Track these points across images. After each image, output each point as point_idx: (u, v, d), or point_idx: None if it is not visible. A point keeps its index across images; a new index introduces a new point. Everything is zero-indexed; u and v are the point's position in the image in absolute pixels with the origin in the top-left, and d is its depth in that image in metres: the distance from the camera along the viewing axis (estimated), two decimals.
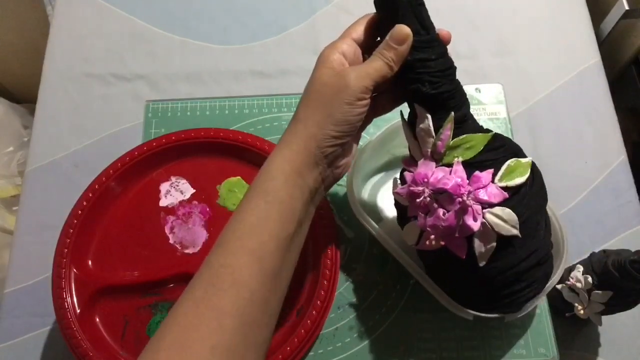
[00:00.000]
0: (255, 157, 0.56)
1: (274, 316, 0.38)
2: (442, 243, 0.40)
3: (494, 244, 0.39)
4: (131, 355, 0.50)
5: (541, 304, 0.53)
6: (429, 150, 0.41)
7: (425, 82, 0.39)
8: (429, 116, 0.40)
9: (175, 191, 0.57)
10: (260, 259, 0.35)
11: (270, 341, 0.38)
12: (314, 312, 0.49)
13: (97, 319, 0.51)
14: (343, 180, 0.59)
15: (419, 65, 0.39)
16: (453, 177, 0.39)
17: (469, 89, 0.64)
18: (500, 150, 0.41)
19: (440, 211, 0.39)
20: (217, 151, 0.57)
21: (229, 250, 0.36)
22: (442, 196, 0.39)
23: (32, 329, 0.54)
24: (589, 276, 0.46)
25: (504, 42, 0.68)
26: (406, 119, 0.44)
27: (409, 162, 0.44)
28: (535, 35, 0.68)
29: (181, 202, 0.56)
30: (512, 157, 0.41)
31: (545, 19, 0.69)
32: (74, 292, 0.50)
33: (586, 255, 0.50)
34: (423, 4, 0.40)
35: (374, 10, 0.41)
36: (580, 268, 0.48)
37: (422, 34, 0.39)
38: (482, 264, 0.40)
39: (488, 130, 0.42)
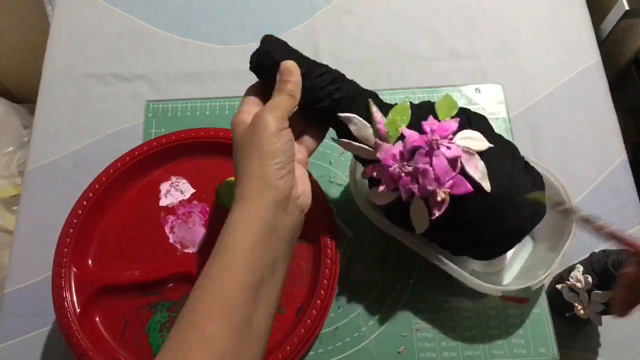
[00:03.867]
0: None
1: None
2: (449, 191, 0.41)
3: (482, 162, 0.41)
4: (131, 355, 0.50)
5: (542, 303, 0.53)
6: (376, 139, 0.43)
7: (333, 90, 0.43)
8: (355, 115, 0.43)
9: (175, 191, 0.57)
10: (227, 312, 0.35)
11: None
12: (314, 312, 0.49)
13: (97, 319, 0.51)
14: (342, 180, 0.59)
15: (318, 81, 0.42)
16: (412, 135, 0.42)
17: (469, 89, 0.64)
18: (423, 107, 0.45)
19: (426, 165, 0.41)
20: (217, 151, 0.57)
21: (194, 307, 0.35)
22: (416, 156, 0.41)
23: (32, 329, 0.54)
24: (589, 276, 0.46)
25: (504, 42, 0.68)
26: (338, 138, 0.46)
27: (368, 168, 0.45)
28: (535, 35, 0.68)
29: (181, 202, 0.56)
30: (433, 107, 0.44)
31: (545, 19, 0.69)
32: (74, 292, 0.50)
33: (586, 255, 0.50)
34: (286, 43, 0.44)
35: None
36: (580, 268, 0.48)
37: (303, 61, 0.43)
38: (487, 186, 0.41)
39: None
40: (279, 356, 0.48)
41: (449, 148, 0.41)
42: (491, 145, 0.42)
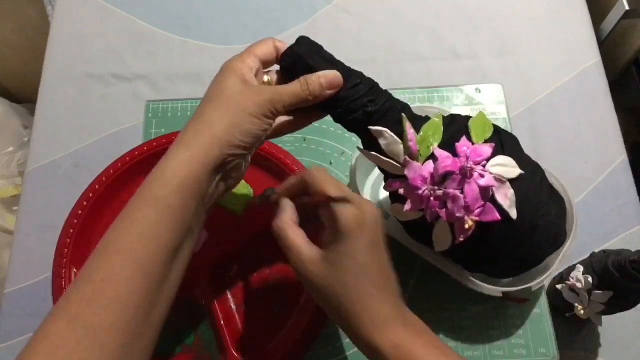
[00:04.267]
0: (254, 156, 0.56)
1: (158, 326, 0.36)
2: (476, 218, 0.40)
3: (512, 190, 0.40)
4: None
5: (542, 303, 0.53)
6: (405, 157, 0.42)
7: (366, 103, 0.41)
8: (386, 129, 0.42)
9: None
10: (146, 272, 0.33)
11: (152, 351, 0.36)
12: (314, 312, 0.49)
13: None
14: (342, 180, 0.59)
15: (352, 92, 0.41)
16: (445, 158, 0.41)
17: (469, 89, 0.64)
18: (455, 123, 0.43)
19: (457, 191, 0.40)
20: None
21: (112, 262, 0.33)
22: (447, 180, 0.40)
23: (32, 329, 0.54)
24: (589, 276, 0.46)
25: (504, 42, 0.68)
26: (363, 149, 0.45)
27: (393, 182, 0.44)
28: (535, 35, 0.68)
29: None
30: (466, 125, 0.43)
31: (545, 19, 0.69)
32: None
33: (586, 255, 0.50)
34: (322, 47, 0.43)
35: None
36: (580, 268, 0.48)
37: (337, 67, 0.41)
38: (514, 214, 0.40)
39: (429, 118, 0.44)
40: (279, 356, 0.48)
41: (482, 176, 0.40)
42: (522, 172, 0.41)
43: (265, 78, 0.42)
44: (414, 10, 0.70)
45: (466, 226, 0.40)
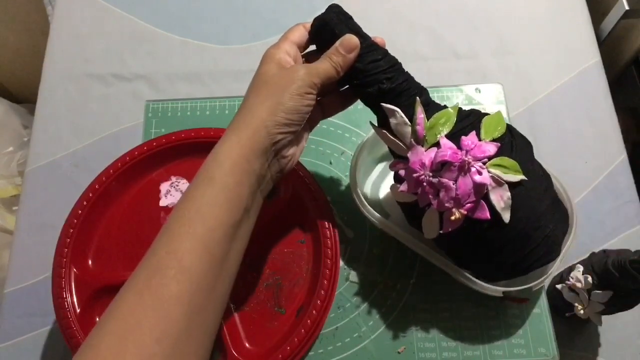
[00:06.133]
0: None
1: (221, 303, 0.38)
2: (465, 212, 0.40)
3: (509, 193, 0.40)
4: None
5: (542, 303, 0.53)
6: (412, 139, 0.43)
7: (383, 80, 0.42)
8: (398, 109, 0.42)
9: (175, 191, 0.57)
10: (206, 246, 0.35)
11: (217, 328, 0.38)
12: (314, 312, 0.49)
13: (97, 319, 0.51)
14: (343, 180, 0.59)
15: (371, 67, 0.42)
16: (447, 148, 0.41)
17: (469, 89, 0.64)
18: (471, 116, 0.44)
19: (450, 182, 0.40)
20: None
21: (174, 237, 0.35)
22: (444, 170, 0.41)
23: (32, 329, 0.54)
24: (589, 276, 0.46)
25: (504, 42, 0.68)
26: (377, 125, 0.46)
27: (397, 162, 0.45)
28: (535, 35, 0.68)
29: None
30: (480, 121, 0.43)
31: (545, 19, 0.69)
32: (74, 292, 0.50)
33: (586, 255, 0.50)
34: (351, 17, 0.44)
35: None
36: (580, 268, 0.48)
37: (362, 42, 0.43)
38: (507, 218, 0.41)
39: (446, 107, 0.44)
40: (278, 356, 0.48)
41: (479, 173, 0.40)
42: (524, 178, 0.41)
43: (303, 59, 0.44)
44: (414, 10, 0.70)
45: (452, 218, 0.41)
